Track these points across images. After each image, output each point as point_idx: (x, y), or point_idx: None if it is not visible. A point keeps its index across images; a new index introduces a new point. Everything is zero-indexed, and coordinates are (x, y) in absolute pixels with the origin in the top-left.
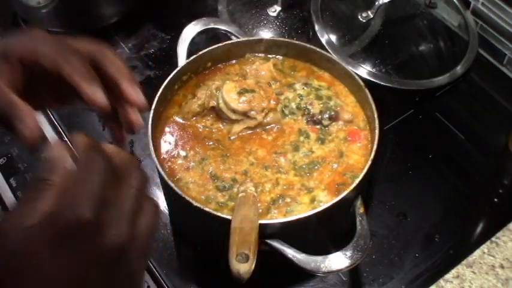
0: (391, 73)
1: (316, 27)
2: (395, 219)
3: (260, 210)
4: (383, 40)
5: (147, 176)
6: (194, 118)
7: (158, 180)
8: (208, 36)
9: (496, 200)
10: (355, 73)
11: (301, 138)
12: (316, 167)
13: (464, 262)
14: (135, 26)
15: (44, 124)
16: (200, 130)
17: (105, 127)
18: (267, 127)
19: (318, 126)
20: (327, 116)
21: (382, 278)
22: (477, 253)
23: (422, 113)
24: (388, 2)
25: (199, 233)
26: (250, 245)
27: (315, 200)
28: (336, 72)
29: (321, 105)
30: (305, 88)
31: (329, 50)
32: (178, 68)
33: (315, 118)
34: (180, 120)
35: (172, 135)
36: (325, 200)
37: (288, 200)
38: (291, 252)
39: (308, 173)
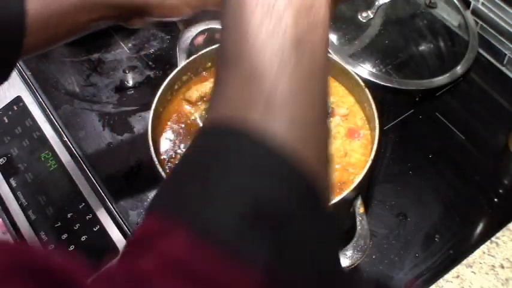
0: (391, 73)
1: None
2: (395, 219)
3: None
4: (383, 40)
5: None
6: (199, 103)
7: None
8: (208, 36)
9: (496, 200)
10: (355, 73)
11: None
12: None
13: (464, 262)
14: None
15: (44, 124)
16: None
17: (104, 127)
18: None
19: None
20: None
21: (382, 278)
22: (477, 253)
23: (422, 113)
24: (388, 2)
25: None
26: None
27: None
28: (336, 72)
29: None
30: None
31: (329, 50)
32: (178, 68)
33: None
34: (183, 115)
35: (172, 136)
36: None
37: None
38: None
39: None
